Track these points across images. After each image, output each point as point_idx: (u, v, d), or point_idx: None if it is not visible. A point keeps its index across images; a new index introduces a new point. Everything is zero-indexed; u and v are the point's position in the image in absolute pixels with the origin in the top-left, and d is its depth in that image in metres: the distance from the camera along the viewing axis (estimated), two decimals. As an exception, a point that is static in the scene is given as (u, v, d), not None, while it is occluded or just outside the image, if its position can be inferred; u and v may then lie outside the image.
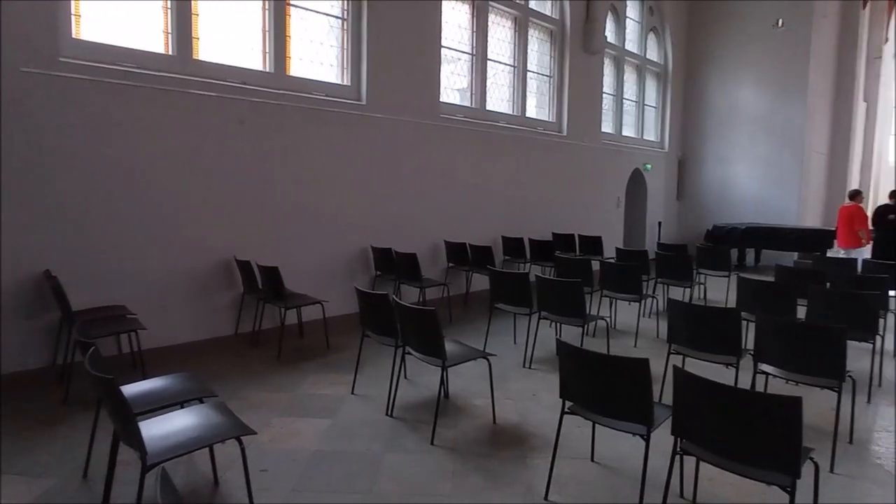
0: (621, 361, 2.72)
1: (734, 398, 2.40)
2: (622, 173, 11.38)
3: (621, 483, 3.14)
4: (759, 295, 4.85)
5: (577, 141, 10.01)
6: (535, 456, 3.42)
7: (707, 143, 12.88)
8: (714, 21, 12.59)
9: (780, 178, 11.93)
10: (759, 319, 3.66)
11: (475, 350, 4.01)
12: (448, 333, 5.62)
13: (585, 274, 5.83)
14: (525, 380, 4.74)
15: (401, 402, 4.11)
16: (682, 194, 13.20)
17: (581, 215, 10.20)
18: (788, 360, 3.55)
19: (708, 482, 3.04)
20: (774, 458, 2.34)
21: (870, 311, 4.45)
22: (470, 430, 3.77)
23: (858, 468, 3.38)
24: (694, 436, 2.57)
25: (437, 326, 3.59)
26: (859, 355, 4.83)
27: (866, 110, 15.36)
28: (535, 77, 9.64)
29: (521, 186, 8.97)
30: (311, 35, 6.34)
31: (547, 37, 9.77)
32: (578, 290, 4.70)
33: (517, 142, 8.83)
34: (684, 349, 4.00)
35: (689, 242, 9.96)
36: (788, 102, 11.80)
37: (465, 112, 8.15)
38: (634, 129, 12.19)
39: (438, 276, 7.43)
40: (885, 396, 4.54)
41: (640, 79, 12.20)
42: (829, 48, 13.01)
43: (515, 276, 5.19)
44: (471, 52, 8.36)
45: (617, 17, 11.22)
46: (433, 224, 7.54)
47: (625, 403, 2.77)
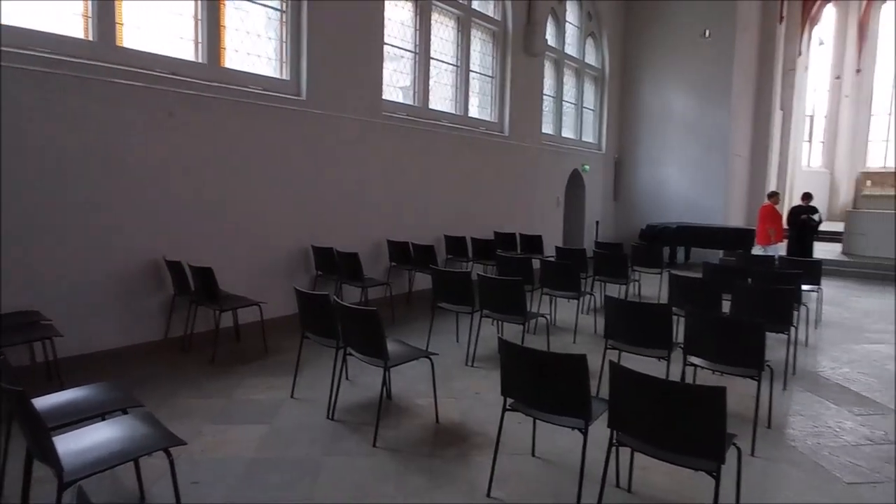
0: (560, 358, 2.78)
1: (664, 390, 2.50)
2: (562, 173, 11.68)
3: (561, 476, 3.21)
4: (688, 291, 5.10)
5: (518, 141, 10.19)
6: (478, 453, 3.44)
7: (641, 145, 13.44)
8: (648, 29, 13.14)
9: (707, 180, 12.62)
10: (688, 314, 3.84)
11: (418, 350, 3.99)
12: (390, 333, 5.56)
13: (526, 272, 5.94)
14: (468, 378, 4.76)
15: (342, 405, 4.03)
16: (619, 194, 13.71)
17: (522, 214, 10.39)
18: (714, 352, 3.75)
19: (642, 471, 3.15)
20: (701, 445, 2.46)
21: (785, 304, 4.78)
22: (413, 431, 3.74)
23: (776, 451, 3.62)
24: (629, 427, 2.66)
25: (379, 326, 3.54)
26: (776, 346, 5.16)
27: (782, 118, 16.50)
28: (477, 77, 9.72)
29: (464, 185, 9.02)
30: (247, 26, 6.10)
31: (489, 38, 9.88)
32: (519, 288, 4.78)
33: (460, 141, 8.87)
34: (620, 344, 4.14)
35: (624, 241, 10.37)
36: (714, 108, 12.50)
37: (407, 110, 8.11)
38: (573, 131, 12.54)
39: (381, 275, 7.35)
40: (799, 383, 4.89)
41: (578, 82, 12.56)
42: (750, 59, 13.88)
43: (457, 275, 5.21)
44: (414, 50, 8.33)
45: (557, 21, 11.50)
46: (375, 223, 7.45)
47: (564, 399, 2.83)
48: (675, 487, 3.09)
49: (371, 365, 3.74)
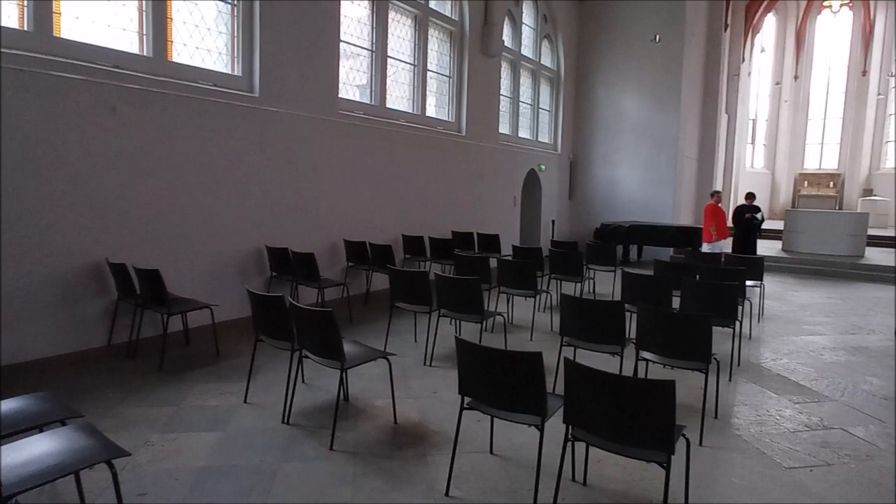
0: (515, 356, 2.81)
1: (616, 385, 2.56)
2: (518, 173, 11.83)
3: (519, 472, 3.24)
4: (640, 288, 5.25)
5: (475, 141, 10.25)
6: (437, 453, 3.44)
7: (595, 146, 13.76)
8: (601, 33, 13.46)
9: (658, 180, 13.04)
10: (639, 311, 3.95)
11: (375, 350, 3.95)
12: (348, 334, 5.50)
13: (484, 271, 5.98)
14: (426, 378, 4.76)
15: (298, 409, 3.95)
16: (574, 194, 14.00)
17: (480, 214, 10.46)
18: (665, 346, 3.88)
19: (597, 464, 3.22)
20: (652, 437, 2.53)
21: (731, 299, 4.99)
22: (371, 432, 3.71)
23: (722, 440, 3.77)
24: (583, 422, 2.71)
25: (335, 327, 3.48)
26: (722, 339, 5.39)
27: (727, 121, 17.24)
28: (435, 77, 9.73)
29: (422, 185, 9.01)
30: (196, 19, 5.90)
31: (447, 37, 9.90)
32: (476, 287, 4.80)
33: (417, 140, 8.85)
34: (575, 341, 4.22)
35: (580, 239, 10.59)
36: (665, 111, 12.93)
37: (364, 109, 8.03)
38: (530, 132, 12.72)
39: (338, 275, 7.26)
40: (744, 374, 5.11)
41: (534, 83, 12.75)
42: (698, 65, 14.44)
43: (415, 274, 5.19)
44: (371, 48, 8.25)
45: (514, 22, 11.63)
46: (332, 223, 7.34)
47: (520, 396, 2.86)
48: (628, 479, 3.17)
49: (327, 367, 3.68)
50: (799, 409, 4.35)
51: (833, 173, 21.47)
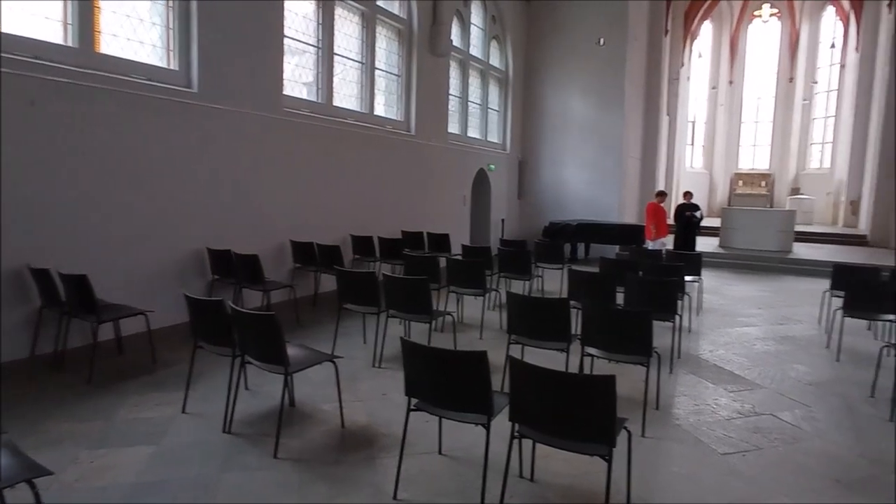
0: (461, 356, 2.80)
1: (559, 382, 2.59)
2: (468, 173, 11.89)
3: (467, 472, 3.24)
4: (585, 285, 5.37)
5: (425, 140, 10.23)
6: (385, 456, 3.40)
7: (544, 146, 14.01)
8: (548, 34, 13.71)
9: (603, 180, 13.41)
10: (584, 307, 4.03)
11: (321, 353, 3.87)
12: (294, 337, 5.36)
13: (433, 271, 5.96)
14: (375, 379, 4.70)
15: (241, 417, 3.81)
16: (523, 193, 14.21)
17: (430, 213, 10.44)
18: (608, 342, 3.97)
19: (544, 459, 3.25)
20: (594, 431, 2.58)
21: (671, 294, 5.18)
22: (317, 438, 3.62)
23: (663, 430, 3.90)
24: (529, 419, 2.74)
25: (278, 331, 3.38)
26: (663, 333, 5.56)
27: (669, 123, 17.95)
28: (383, 75, 9.63)
29: (371, 184, 8.91)
30: (127, 9, 5.59)
31: (395, 36, 9.82)
32: (424, 287, 4.78)
33: (366, 139, 8.74)
34: (523, 338, 4.27)
35: (529, 238, 10.74)
36: (609, 112, 13.31)
37: (311, 107, 7.85)
38: (479, 131, 12.82)
39: (284, 277, 7.06)
40: (683, 366, 5.31)
41: (483, 83, 12.85)
42: (640, 68, 14.94)
43: (362, 275, 5.12)
44: (317, 44, 8.08)
45: (462, 22, 11.68)
46: (278, 223, 7.14)
47: (466, 395, 2.85)
48: (574, 472, 3.22)
49: (271, 372, 3.57)
50: (733, 398, 4.56)
51: (765, 173, 22.72)
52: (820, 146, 21.21)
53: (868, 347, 5.85)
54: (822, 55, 21.05)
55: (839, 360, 5.61)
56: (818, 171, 20.88)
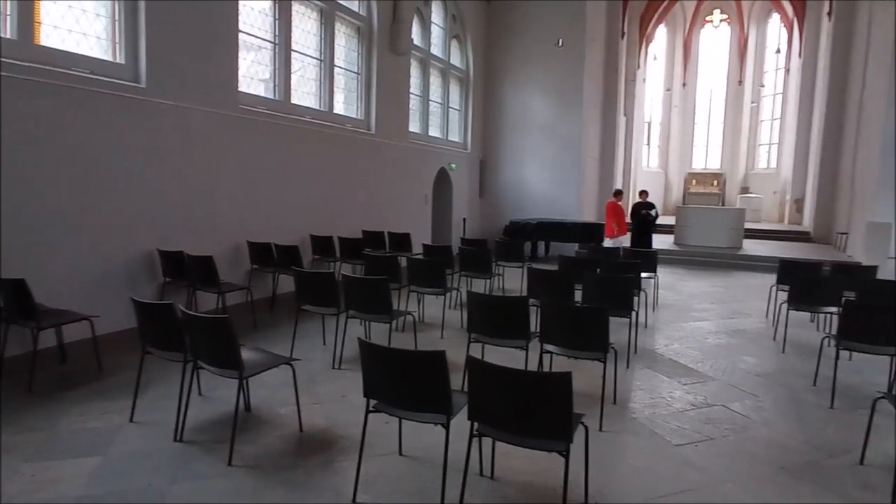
0: (419, 355, 2.79)
1: (516, 379, 2.61)
2: (429, 172, 11.88)
3: (427, 472, 3.22)
4: (545, 283, 5.43)
5: (385, 139, 10.15)
6: (344, 458, 3.35)
7: (504, 145, 14.12)
8: (508, 34, 13.82)
9: (563, 179, 13.61)
10: (542, 305, 4.08)
11: (278, 356, 3.78)
12: (251, 340, 5.26)
13: (393, 270, 5.92)
14: (334, 381, 4.62)
15: (193, 424, 3.68)
16: (484, 192, 14.29)
17: (391, 212, 10.38)
18: (566, 338, 4.03)
19: (504, 457, 3.27)
20: (552, 428, 2.61)
21: (628, 291, 5.29)
22: (274, 443, 3.54)
23: (621, 424, 3.98)
24: (487, 418, 2.75)
25: (232, 334, 3.28)
26: (621, 328, 5.70)
27: (626, 123, 18.38)
28: (342, 73, 9.51)
29: (331, 183, 8.78)
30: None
31: (354, 33, 9.70)
32: (384, 286, 4.74)
33: (325, 138, 8.61)
34: (483, 337, 4.28)
35: (490, 237, 10.82)
36: (568, 112, 13.52)
37: (268, 104, 7.67)
38: (440, 130, 12.81)
39: (241, 279, 6.88)
40: (640, 360, 5.44)
41: (444, 82, 12.85)
42: (598, 69, 15.24)
43: (321, 275, 5.04)
44: (273, 40, 7.90)
45: (423, 21, 11.64)
46: (234, 223, 6.95)
47: (425, 395, 2.84)
48: (534, 469, 3.25)
49: (226, 377, 3.46)
50: (687, 390, 4.70)
51: (716, 173, 23.54)
52: (767, 147, 22.14)
53: (811, 339, 6.13)
54: (769, 60, 21.97)
55: (784, 352, 5.87)
56: (766, 171, 21.80)
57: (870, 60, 12.01)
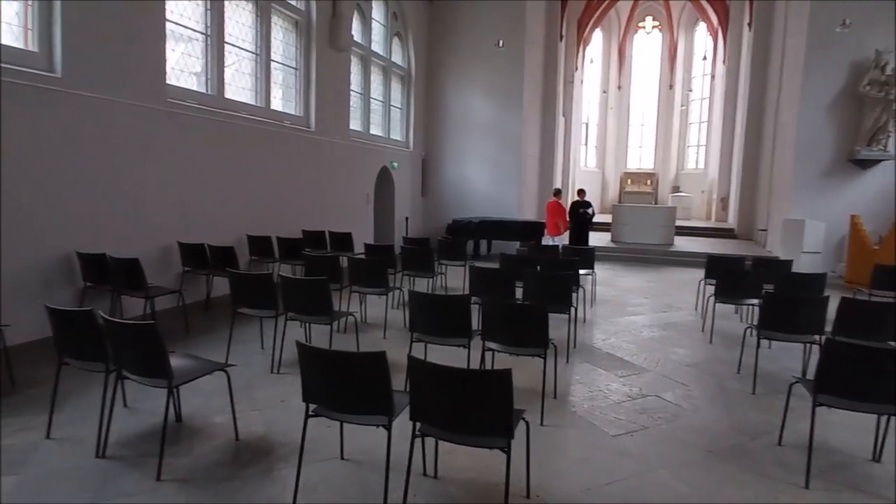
0: (359, 357, 2.73)
1: (456, 378, 2.61)
2: (371, 170, 11.75)
3: (370, 475, 3.17)
4: (486, 281, 5.48)
5: (326, 137, 9.94)
6: (283, 466, 3.24)
7: (446, 144, 14.17)
8: (450, 33, 13.87)
9: (504, 178, 13.81)
10: (484, 303, 4.10)
11: (211, 362, 3.61)
12: (184, 346, 5.01)
13: (334, 271, 5.81)
14: (273, 386, 4.48)
15: (118, 438, 3.45)
16: (427, 191, 14.28)
17: (332, 211, 10.18)
18: (507, 336, 4.08)
19: (447, 455, 3.26)
20: (493, 425, 2.63)
21: (566, 287, 5.42)
22: (208, 454, 3.37)
23: (561, 417, 4.07)
24: (429, 417, 2.73)
25: (159, 341, 3.10)
26: (560, 324, 5.82)
27: (564, 124, 18.86)
28: (280, 68, 9.23)
29: (269, 182, 8.50)
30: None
31: (292, 27, 9.44)
32: (324, 287, 4.63)
33: (262, 135, 8.33)
34: (425, 336, 4.27)
35: (433, 235, 10.82)
36: (509, 113, 13.72)
37: (199, 98, 7.33)
38: (382, 129, 12.69)
39: (171, 282, 6.53)
40: (579, 355, 5.59)
41: (386, 80, 12.73)
42: (538, 70, 15.55)
43: (258, 277, 4.86)
44: (205, 32, 7.55)
45: (363, 17, 11.48)
46: (163, 223, 6.59)
47: (366, 397, 2.79)
48: (476, 466, 3.26)
49: (154, 387, 3.27)
50: (623, 382, 4.87)
51: (650, 173, 24.62)
52: (696, 148, 23.37)
53: (735, 329, 6.51)
54: (697, 66, 23.19)
55: (712, 342, 6.20)
56: (694, 171, 23.00)
57: (785, 68, 12.91)
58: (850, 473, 3.37)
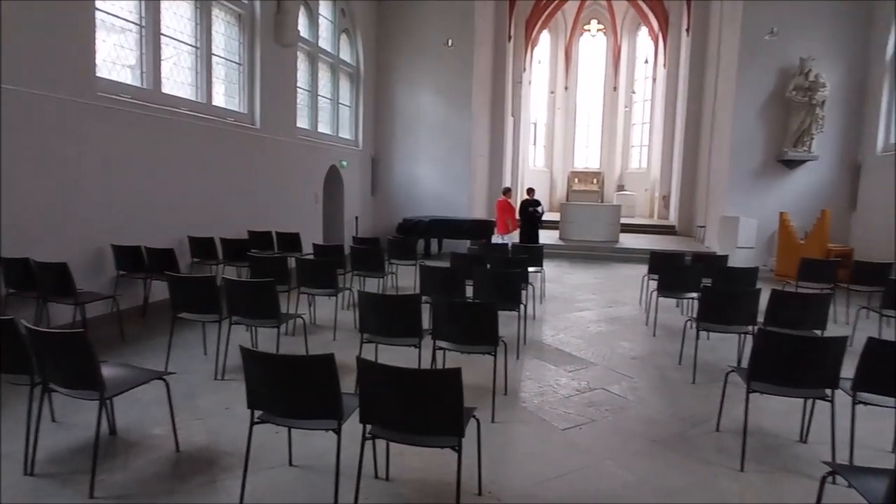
0: (305, 360, 2.67)
1: (405, 378, 2.58)
2: (319, 169, 11.52)
3: (320, 480, 3.10)
4: (436, 280, 5.47)
5: (272, 135, 9.67)
6: (228, 476, 3.12)
7: (396, 143, 14.08)
8: (399, 32, 13.78)
9: (454, 177, 13.86)
10: (434, 302, 4.09)
11: (148, 371, 3.44)
12: (119, 355, 4.77)
13: (282, 272, 5.65)
14: (217, 393, 4.31)
15: (46, 454, 3.23)
16: (377, 190, 14.15)
17: (279, 211, 9.91)
18: (458, 334, 4.08)
19: (399, 457, 3.24)
20: (443, 424, 2.62)
21: (516, 285, 5.49)
22: (146, 467, 3.21)
23: (511, 414, 4.12)
24: (380, 419, 2.69)
25: (88, 351, 2.91)
26: (510, 322, 5.90)
27: (513, 124, 19.13)
28: (223, 63, 8.90)
29: (212, 181, 8.18)
30: None
31: (235, 20, 9.12)
32: (271, 289, 4.49)
33: (204, 131, 8.00)
34: (376, 337, 4.22)
35: (383, 235, 10.73)
36: (458, 112, 13.77)
37: (134, 93, 6.95)
38: (330, 127, 12.47)
39: (105, 287, 6.16)
40: (529, 352, 5.68)
41: (334, 77, 12.52)
42: (487, 70, 15.70)
43: (199, 280, 4.67)
44: (139, 22, 7.17)
45: (310, 13, 11.23)
46: (94, 225, 6.21)
47: (313, 401, 2.72)
48: (428, 466, 3.25)
49: (85, 399, 3.07)
50: (572, 377, 4.98)
51: (596, 172, 25.34)
52: (639, 148, 24.24)
53: (677, 322, 6.78)
54: (639, 68, 24.05)
55: (655, 335, 6.43)
56: (638, 171, 23.86)
57: (720, 73, 13.57)
58: (780, 455, 3.57)
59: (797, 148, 11.43)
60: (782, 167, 11.78)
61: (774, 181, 11.83)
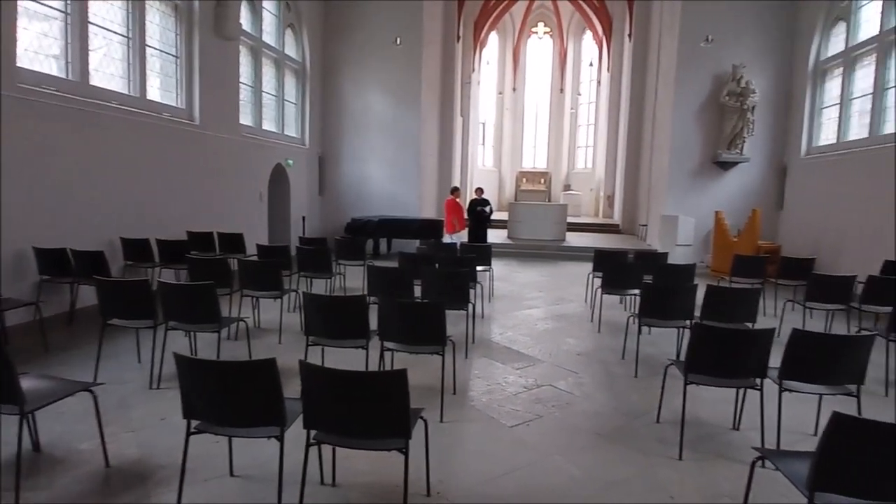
0: (244, 366, 2.57)
1: (350, 381, 2.53)
2: (264, 168, 11.18)
3: (263, 490, 3.00)
4: (384, 280, 5.42)
5: (213, 131, 9.30)
6: (163, 490, 2.97)
7: (344, 141, 13.86)
8: (347, 28, 13.55)
9: (403, 176, 13.78)
10: (381, 302, 4.04)
11: (74, 382, 3.22)
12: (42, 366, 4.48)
13: (223, 274, 5.44)
14: (151, 403, 4.09)
15: (-44, 475, 2.97)
16: (324, 189, 13.88)
17: (221, 211, 9.55)
18: (406, 334, 4.05)
19: (346, 460, 3.16)
20: (390, 426, 2.58)
21: (464, 284, 5.50)
22: (71, 485, 3.00)
23: (460, 413, 4.12)
24: (324, 423, 2.63)
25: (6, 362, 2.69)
26: (459, 320, 5.91)
27: (462, 124, 19.23)
28: (158, 55, 8.48)
29: (147, 179, 7.77)
30: None
31: (171, 11, 8.71)
32: (210, 292, 4.31)
33: (137, 127, 7.59)
34: (322, 339, 4.12)
35: (330, 235, 10.53)
36: (407, 111, 13.70)
37: (59, 84, 6.51)
38: (275, 124, 12.13)
39: (26, 293, 5.72)
40: (477, 350, 5.70)
41: (279, 73, 12.18)
42: (436, 70, 15.67)
43: (130, 284, 4.42)
44: (64, 9, 6.72)
45: (253, 6, 10.87)
46: (13, 226, 5.75)
47: (255, 408, 2.63)
48: (376, 469, 3.20)
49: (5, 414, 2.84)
50: (519, 374, 5.04)
51: (543, 172, 25.85)
52: (584, 149, 24.91)
53: (620, 318, 6.98)
54: (585, 71, 24.69)
55: (600, 332, 6.61)
56: (584, 171, 24.50)
57: (660, 78, 14.10)
58: (715, 442, 3.74)
59: (730, 150, 12.03)
60: (717, 168, 12.37)
61: (710, 181, 12.42)
